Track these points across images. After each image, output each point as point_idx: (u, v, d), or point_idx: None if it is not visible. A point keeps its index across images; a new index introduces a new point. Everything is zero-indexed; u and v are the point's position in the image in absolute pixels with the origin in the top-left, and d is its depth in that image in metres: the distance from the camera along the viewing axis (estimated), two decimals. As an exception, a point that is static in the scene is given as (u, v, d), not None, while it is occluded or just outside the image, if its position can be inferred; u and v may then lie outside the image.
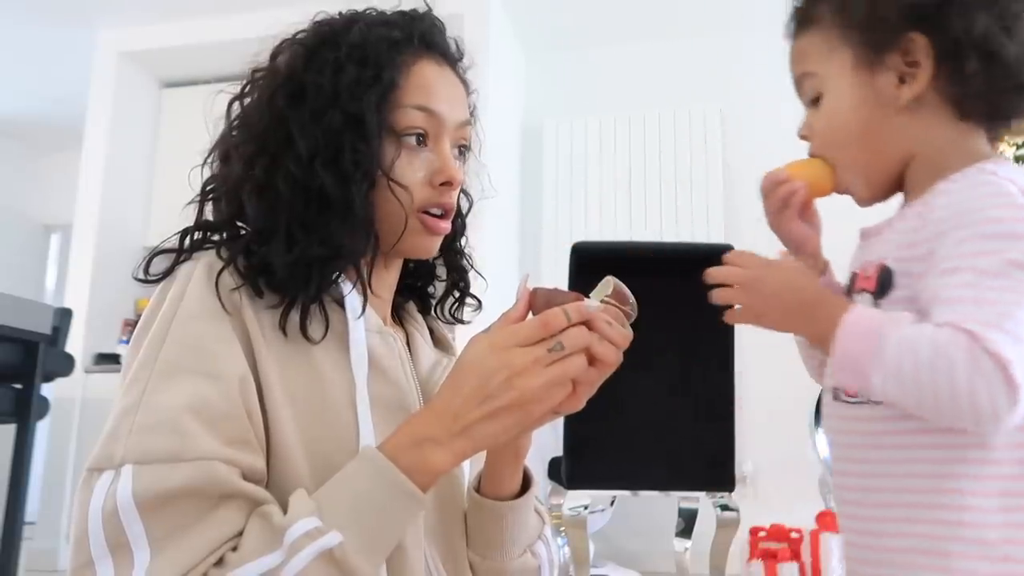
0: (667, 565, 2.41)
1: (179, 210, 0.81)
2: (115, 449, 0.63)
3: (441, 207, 0.79)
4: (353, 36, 0.77)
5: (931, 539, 0.66)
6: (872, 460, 0.71)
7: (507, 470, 0.82)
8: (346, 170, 0.73)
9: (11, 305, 2.31)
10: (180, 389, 0.64)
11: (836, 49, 0.76)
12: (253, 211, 0.72)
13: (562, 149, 4.06)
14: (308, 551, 0.60)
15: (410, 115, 0.77)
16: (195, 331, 0.67)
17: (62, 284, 4.48)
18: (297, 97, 0.74)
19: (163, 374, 0.65)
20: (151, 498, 0.60)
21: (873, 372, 0.63)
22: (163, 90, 4.36)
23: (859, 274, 0.75)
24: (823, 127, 0.78)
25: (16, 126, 5.25)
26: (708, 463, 1.90)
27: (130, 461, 0.62)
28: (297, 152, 0.72)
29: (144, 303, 4.57)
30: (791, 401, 2.50)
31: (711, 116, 3.94)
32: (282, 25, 0.80)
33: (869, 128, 0.75)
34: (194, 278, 0.70)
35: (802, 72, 0.79)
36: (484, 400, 0.65)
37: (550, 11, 3.96)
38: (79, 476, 0.65)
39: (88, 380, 3.77)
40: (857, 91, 0.75)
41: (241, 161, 0.74)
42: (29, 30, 4.12)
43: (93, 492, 0.62)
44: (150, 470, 0.61)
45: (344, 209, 0.73)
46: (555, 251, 3.92)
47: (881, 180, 0.77)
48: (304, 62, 0.76)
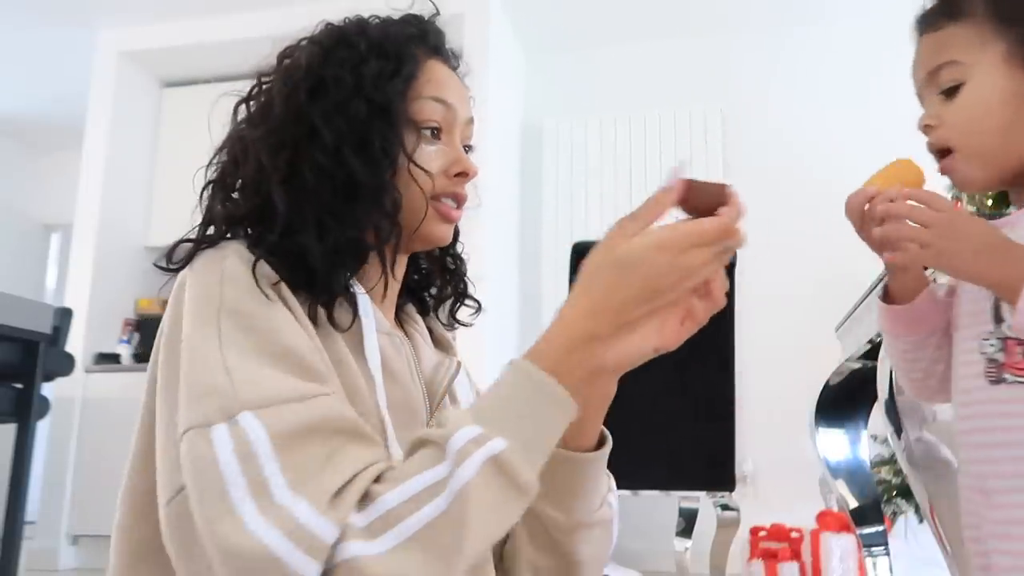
0: (667, 565, 2.41)
1: (179, 210, 0.81)
2: (219, 404, 0.60)
3: (455, 197, 0.82)
4: (371, 31, 0.80)
5: None
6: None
7: (595, 417, 0.79)
8: (375, 156, 0.75)
9: (11, 305, 2.31)
10: (258, 350, 0.63)
11: (989, 42, 0.77)
12: (281, 202, 0.73)
13: (562, 149, 4.07)
14: (476, 457, 0.58)
15: (428, 106, 0.79)
16: (249, 307, 0.66)
17: (62, 284, 4.48)
18: (318, 91, 0.76)
19: (233, 343, 0.63)
20: (286, 435, 0.59)
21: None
22: (163, 90, 4.36)
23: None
24: (961, 116, 0.78)
25: (16, 126, 5.25)
26: (708, 463, 1.90)
27: (248, 408, 0.59)
28: (323, 142, 0.74)
29: (145, 302, 4.56)
30: (791, 401, 2.50)
31: (711, 116, 3.94)
32: (285, 26, 0.81)
33: (1011, 121, 0.77)
34: (229, 264, 0.69)
35: (945, 61, 0.79)
36: (651, 297, 0.64)
37: (550, 11, 3.96)
38: (79, 477, 0.63)
39: (88, 380, 3.77)
40: (1008, 84, 0.77)
41: (261, 156, 0.74)
42: (29, 30, 4.12)
43: (214, 444, 0.58)
44: (275, 411, 0.59)
45: (373, 195, 0.74)
46: (555, 251, 3.92)
47: (1003, 172, 0.79)
48: (322, 59, 0.78)
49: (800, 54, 3.88)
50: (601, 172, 4.00)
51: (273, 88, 0.79)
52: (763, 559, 2.78)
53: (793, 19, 3.86)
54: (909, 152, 0.87)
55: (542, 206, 4.02)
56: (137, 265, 4.14)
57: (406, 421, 0.76)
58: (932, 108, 0.81)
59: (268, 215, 0.73)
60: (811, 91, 3.84)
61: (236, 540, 0.55)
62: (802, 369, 2.06)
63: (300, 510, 0.56)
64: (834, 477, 1.90)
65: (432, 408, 0.82)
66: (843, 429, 1.92)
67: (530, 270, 3.95)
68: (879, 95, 3.30)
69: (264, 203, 0.74)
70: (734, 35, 4.01)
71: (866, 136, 3.53)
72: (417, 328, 0.90)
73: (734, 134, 3.93)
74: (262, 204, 0.74)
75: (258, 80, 0.81)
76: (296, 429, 0.59)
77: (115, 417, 3.66)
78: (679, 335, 0.67)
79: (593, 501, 0.82)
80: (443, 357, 0.88)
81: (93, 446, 3.67)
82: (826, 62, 3.83)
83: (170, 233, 0.79)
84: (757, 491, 3.49)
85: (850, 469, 1.90)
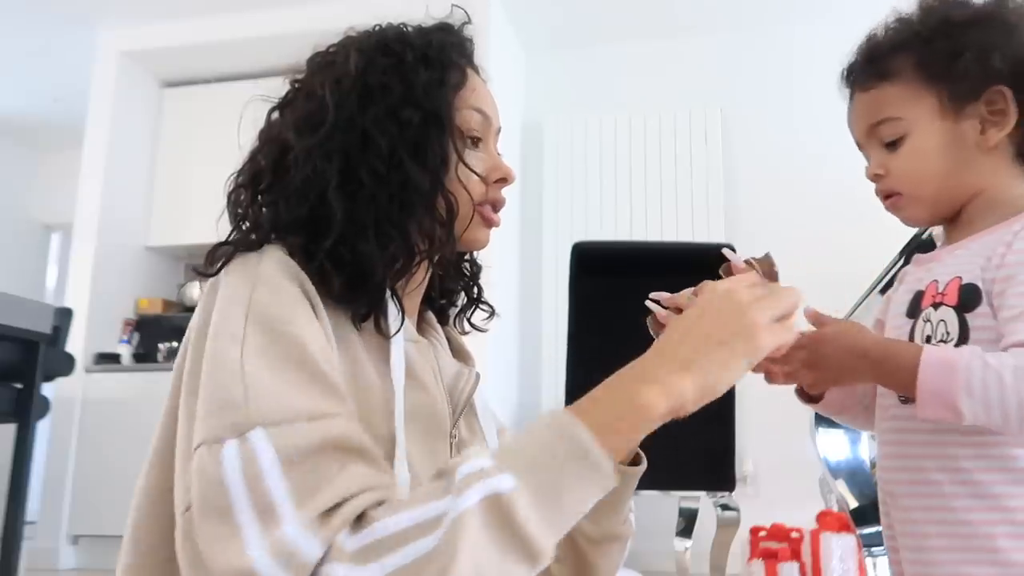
0: (667, 565, 2.41)
1: (180, 210, 0.81)
2: (232, 419, 0.60)
3: (496, 203, 0.83)
4: (414, 39, 0.81)
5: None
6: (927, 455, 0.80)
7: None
8: (431, 163, 0.76)
9: (11, 305, 2.31)
10: (281, 358, 0.63)
11: (921, 97, 0.85)
12: (339, 209, 0.72)
13: (562, 148, 4.07)
14: (476, 489, 0.55)
15: (471, 116, 0.81)
16: (278, 312, 0.65)
17: (62, 284, 4.49)
18: (367, 98, 0.76)
19: (256, 349, 0.63)
20: (293, 455, 0.58)
21: (962, 403, 0.70)
22: (163, 90, 4.36)
23: (926, 291, 0.84)
24: (905, 167, 0.86)
25: (16, 126, 5.25)
26: (708, 463, 1.90)
27: (261, 425, 0.59)
28: (378, 149, 0.74)
29: (145, 302, 4.57)
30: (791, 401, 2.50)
31: (711, 116, 3.94)
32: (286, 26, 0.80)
33: (951, 167, 0.84)
34: (264, 268, 0.68)
35: (884, 118, 0.87)
36: (711, 335, 0.64)
37: (550, 10, 3.96)
38: (79, 477, 0.63)
39: (88, 380, 3.77)
40: (944, 135, 0.84)
41: (316, 163, 0.74)
42: (29, 30, 4.12)
43: (223, 463, 0.58)
44: (284, 430, 0.59)
45: (429, 202, 0.76)
46: (555, 250, 3.92)
47: (946, 211, 0.88)
48: (367, 66, 0.78)
49: (800, 54, 3.87)
50: (601, 171, 4.00)
51: (317, 94, 0.77)
52: (763, 559, 2.78)
53: (793, 19, 3.86)
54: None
55: (542, 205, 4.03)
56: (137, 265, 4.14)
57: (431, 428, 0.76)
58: (877, 158, 0.89)
59: (318, 222, 0.73)
60: (811, 91, 3.83)
61: (237, 563, 0.54)
62: (802, 369, 2.05)
63: (288, 528, 0.55)
64: (834, 477, 1.90)
65: (455, 417, 0.82)
66: (843, 429, 1.92)
67: (530, 270, 3.95)
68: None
69: (313, 210, 0.73)
70: (734, 35, 4.01)
71: (866, 136, 3.53)
72: (437, 337, 0.90)
73: (734, 134, 3.93)
74: (311, 211, 0.73)
75: (292, 85, 0.81)
76: (305, 450, 0.58)
77: (115, 417, 3.66)
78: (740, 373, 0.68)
79: (621, 514, 0.84)
80: (462, 367, 0.88)
81: (93, 446, 3.67)
82: (826, 62, 3.83)
83: (170, 233, 0.79)
84: (757, 491, 3.49)
85: (850, 469, 1.90)
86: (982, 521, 0.75)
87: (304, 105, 0.78)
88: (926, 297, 0.84)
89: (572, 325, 1.96)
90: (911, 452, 0.82)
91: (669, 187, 3.92)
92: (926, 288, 0.84)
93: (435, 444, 0.78)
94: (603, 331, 1.88)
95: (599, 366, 0.64)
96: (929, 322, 0.82)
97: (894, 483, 0.84)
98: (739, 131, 3.92)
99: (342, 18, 0.89)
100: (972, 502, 0.76)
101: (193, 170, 4.05)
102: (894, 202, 0.89)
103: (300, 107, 0.78)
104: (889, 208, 0.90)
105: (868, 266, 1.84)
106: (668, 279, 1.79)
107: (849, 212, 3.59)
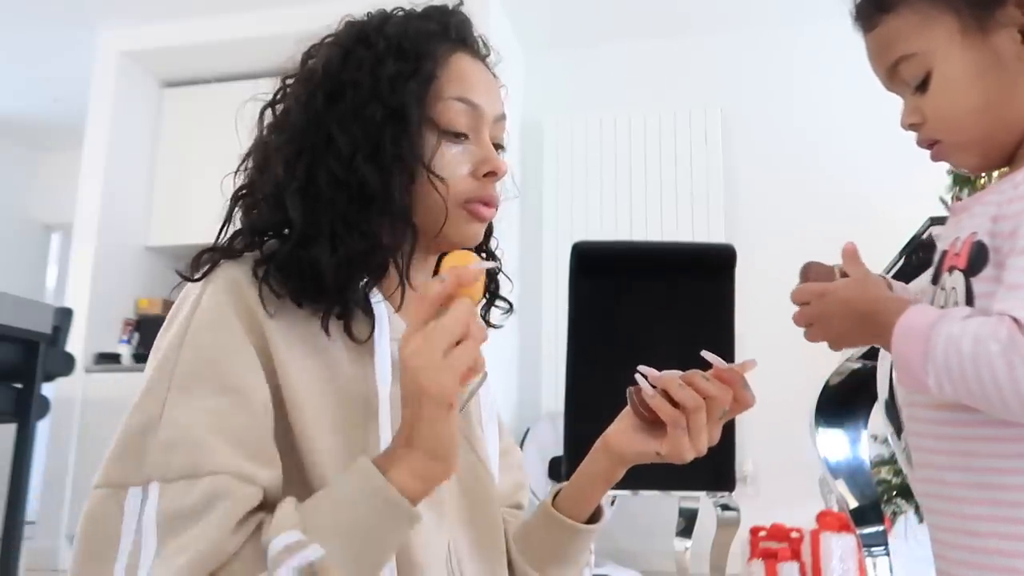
0: (667, 565, 2.41)
1: (180, 210, 0.81)
2: (141, 465, 0.62)
3: (484, 200, 0.78)
4: (389, 29, 0.76)
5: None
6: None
7: (596, 494, 0.83)
8: (386, 164, 0.72)
9: (11, 305, 2.31)
10: (200, 404, 0.64)
11: (935, 19, 0.71)
12: (296, 213, 0.71)
13: (562, 147, 4.07)
14: (286, 568, 0.57)
15: (451, 107, 0.76)
16: (211, 342, 0.66)
17: (62, 284, 4.49)
18: (336, 95, 0.73)
19: (181, 388, 0.64)
20: (170, 515, 0.60)
21: (927, 373, 0.63)
22: (163, 90, 4.36)
23: (948, 251, 0.72)
24: (939, 106, 0.72)
25: (16, 126, 5.25)
26: (708, 463, 1.89)
27: (156, 478, 0.61)
28: (337, 149, 0.72)
29: (145, 302, 4.56)
30: (791, 401, 2.50)
31: (711, 116, 3.94)
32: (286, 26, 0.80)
33: (993, 95, 0.70)
34: (209, 291, 0.69)
35: (897, 57, 0.73)
36: (406, 406, 0.64)
37: (549, 9, 3.96)
38: (79, 477, 0.65)
39: (88, 380, 3.77)
40: (973, 57, 0.69)
41: (281, 164, 0.73)
42: (29, 30, 4.12)
43: (124, 512, 0.61)
44: (172, 488, 0.61)
45: (384, 202, 0.72)
46: (555, 250, 3.92)
47: (1001, 150, 0.72)
48: (341, 60, 0.75)
49: (801, 53, 3.87)
50: (601, 171, 3.99)
51: (293, 93, 0.76)
52: (763, 559, 2.79)
53: (794, 19, 3.86)
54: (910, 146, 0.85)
55: (542, 205, 4.02)
56: (137, 265, 4.14)
57: None
58: (909, 104, 0.75)
59: (287, 226, 0.72)
60: (811, 90, 3.84)
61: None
62: (802, 369, 2.05)
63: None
64: (834, 477, 1.90)
65: None
66: (843, 429, 1.92)
67: (530, 270, 3.95)
68: (879, 94, 3.29)
69: (285, 213, 0.72)
70: (734, 35, 4.01)
71: (866, 135, 3.53)
72: None
73: (734, 134, 3.93)
74: (284, 214, 0.72)
75: (282, 83, 0.78)
76: (189, 511, 0.60)
77: (115, 417, 3.61)
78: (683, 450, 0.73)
79: (571, 571, 0.84)
80: None
81: (93, 446, 3.67)
82: (826, 61, 3.83)
83: (170, 233, 0.79)
84: (757, 491, 3.49)
85: (850, 469, 1.90)
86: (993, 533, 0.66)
87: (283, 104, 0.77)
88: (947, 258, 0.72)
89: (572, 325, 1.96)
90: (917, 430, 0.74)
91: (669, 187, 3.91)
92: (949, 247, 0.72)
93: None
94: (603, 331, 1.88)
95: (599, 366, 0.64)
96: (943, 289, 0.71)
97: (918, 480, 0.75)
98: (739, 131, 3.92)
99: (343, 17, 0.88)
100: (986, 509, 0.67)
101: (193, 170, 4.04)
102: (937, 151, 0.75)
103: (281, 106, 0.77)
104: (935, 159, 0.76)
105: (869, 266, 1.84)
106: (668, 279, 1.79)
107: (849, 212, 3.59)
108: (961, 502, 0.68)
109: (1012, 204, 0.65)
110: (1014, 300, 0.61)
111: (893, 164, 3.04)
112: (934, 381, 0.63)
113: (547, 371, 3.83)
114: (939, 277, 0.73)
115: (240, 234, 0.74)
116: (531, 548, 0.85)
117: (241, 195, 0.76)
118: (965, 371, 0.61)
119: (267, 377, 0.67)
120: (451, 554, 0.76)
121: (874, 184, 3.56)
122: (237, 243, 0.74)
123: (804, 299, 0.76)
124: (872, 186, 3.57)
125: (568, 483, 0.85)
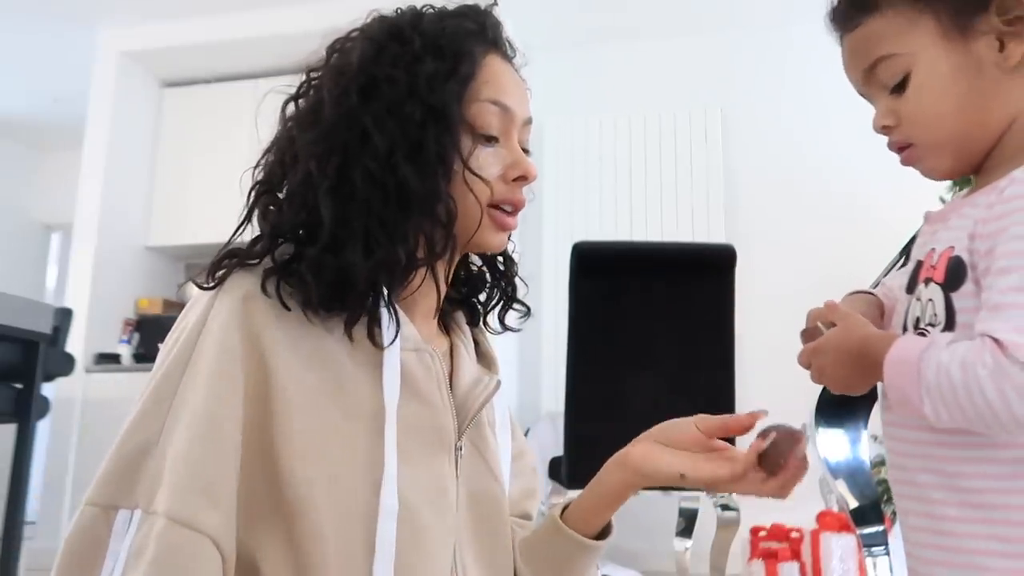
0: (667, 565, 2.41)
1: (180, 210, 0.80)
2: (133, 490, 0.63)
3: (513, 203, 0.78)
4: (426, 26, 0.74)
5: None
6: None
7: (607, 510, 0.82)
8: (429, 163, 0.70)
9: (11, 305, 2.31)
10: (183, 437, 0.64)
11: (917, 23, 0.71)
12: (328, 213, 0.68)
13: (562, 148, 4.07)
14: None
15: (486, 109, 0.75)
16: (213, 369, 0.65)
17: (62, 284, 4.49)
18: (370, 92, 0.71)
19: (177, 417, 0.64)
20: (137, 551, 0.60)
21: (923, 403, 0.64)
22: (163, 90, 4.36)
23: (924, 262, 0.73)
24: (915, 108, 0.72)
25: (16, 126, 5.25)
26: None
27: (142, 508, 0.62)
28: (374, 147, 0.69)
29: (145, 302, 4.56)
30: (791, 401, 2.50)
31: (711, 116, 3.94)
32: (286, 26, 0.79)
33: (969, 100, 0.70)
34: (216, 308, 0.68)
35: (877, 57, 0.73)
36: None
37: (549, 10, 3.96)
38: (79, 477, 0.65)
39: (88, 380, 3.77)
40: (953, 62, 0.70)
41: (309, 162, 0.69)
42: (29, 30, 4.12)
43: (112, 534, 0.62)
44: (148, 522, 0.61)
45: (426, 205, 0.70)
46: (555, 250, 3.92)
47: (973, 156, 0.73)
48: (375, 55, 0.72)
49: (800, 54, 3.87)
50: (601, 171, 4.00)
51: (323, 86, 0.73)
52: (763, 559, 2.78)
53: (794, 18, 3.86)
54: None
55: (542, 206, 4.02)
56: (137, 265, 4.14)
57: (431, 441, 0.73)
58: (883, 106, 0.75)
59: (315, 227, 0.69)
60: (811, 91, 3.84)
61: None
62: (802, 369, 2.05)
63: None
64: (834, 477, 1.90)
65: (461, 429, 0.77)
66: (843, 429, 1.92)
67: (530, 270, 3.95)
68: (879, 95, 3.30)
69: (311, 214, 0.69)
70: (734, 35, 4.01)
71: (866, 136, 3.52)
72: (463, 339, 0.85)
73: (734, 134, 3.93)
74: (309, 215, 0.69)
75: (307, 76, 0.76)
76: (152, 553, 0.60)
77: (115, 417, 3.62)
78: (714, 474, 0.75)
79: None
80: (483, 373, 0.83)
81: (93, 446, 3.67)
82: (826, 62, 3.83)
83: (170, 233, 0.78)
84: (757, 491, 3.49)
85: (850, 469, 1.90)
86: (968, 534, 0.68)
87: (310, 98, 0.74)
88: (923, 269, 0.73)
89: (572, 325, 1.96)
90: (891, 433, 0.76)
91: (669, 187, 3.92)
92: (925, 258, 0.73)
93: (434, 459, 0.74)
94: (603, 331, 1.88)
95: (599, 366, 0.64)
96: (919, 301, 0.72)
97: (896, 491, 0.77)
98: (739, 131, 3.92)
99: (343, 17, 0.86)
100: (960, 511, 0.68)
101: (193, 170, 4.04)
102: (908, 155, 0.75)
103: (307, 100, 0.74)
104: (905, 163, 0.76)
105: (868, 266, 1.84)
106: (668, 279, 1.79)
107: (849, 212, 3.60)
108: (932, 503, 0.70)
109: (987, 224, 0.65)
110: (993, 321, 0.62)
111: (893, 164, 3.02)
112: (930, 410, 0.64)
113: (547, 371, 3.83)
114: (914, 287, 0.74)
115: (260, 239, 0.71)
116: (537, 560, 0.83)
117: (261, 192, 0.73)
118: (959, 398, 0.61)
119: (260, 401, 0.66)
120: (456, 565, 0.75)
121: (874, 184, 3.56)
122: (257, 248, 0.71)
123: (805, 362, 0.78)
124: (872, 186, 3.56)
125: (579, 497, 0.84)
